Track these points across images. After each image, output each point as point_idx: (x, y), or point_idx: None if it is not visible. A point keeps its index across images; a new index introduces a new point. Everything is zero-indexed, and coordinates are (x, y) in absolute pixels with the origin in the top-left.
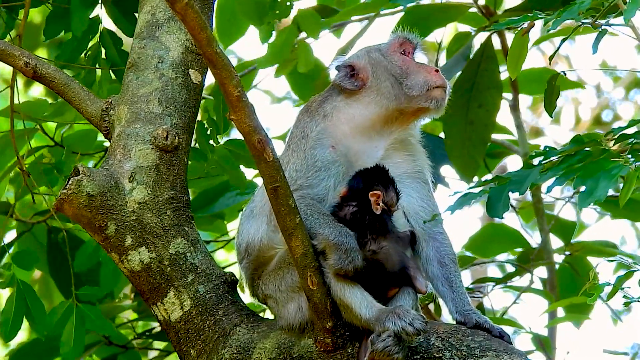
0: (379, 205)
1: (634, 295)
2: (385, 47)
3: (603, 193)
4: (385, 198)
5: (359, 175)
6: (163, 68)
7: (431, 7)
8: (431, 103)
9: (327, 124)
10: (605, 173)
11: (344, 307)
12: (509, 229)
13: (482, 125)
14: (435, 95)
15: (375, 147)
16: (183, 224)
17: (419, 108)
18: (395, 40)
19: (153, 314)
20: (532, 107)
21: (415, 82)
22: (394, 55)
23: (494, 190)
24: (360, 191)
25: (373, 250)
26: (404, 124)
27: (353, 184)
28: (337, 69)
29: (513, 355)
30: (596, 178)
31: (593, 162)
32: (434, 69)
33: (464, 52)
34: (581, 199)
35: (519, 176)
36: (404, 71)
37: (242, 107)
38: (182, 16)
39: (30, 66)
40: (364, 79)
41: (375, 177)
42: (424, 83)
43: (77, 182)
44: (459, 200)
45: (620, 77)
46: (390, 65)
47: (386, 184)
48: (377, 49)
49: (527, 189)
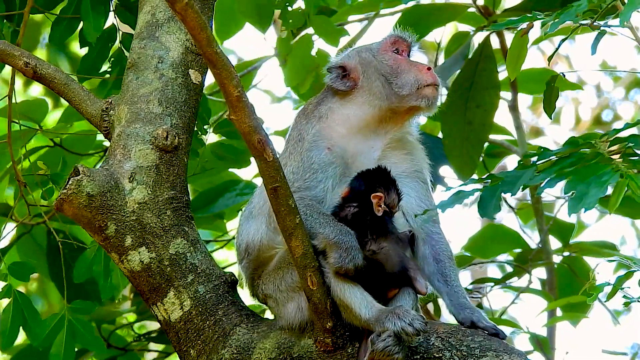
0: (381, 207)
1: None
2: (376, 46)
3: (592, 201)
4: (387, 200)
5: (360, 176)
6: (163, 68)
7: (429, 7)
8: (422, 101)
9: (322, 125)
10: (596, 179)
11: (344, 307)
12: (508, 230)
13: (480, 125)
14: (426, 94)
15: (372, 147)
16: (183, 224)
17: (411, 107)
18: (387, 39)
19: (153, 314)
20: (532, 107)
21: (405, 81)
22: (385, 54)
23: (486, 190)
24: (362, 192)
25: (373, 251)
26: (398, 123)
27: (355, 185)
28: (328, 70)
29: (513, 355)
30: (587, 183)
31: (585, 166)
32: (426, 67)
33: (462, 52)
34: (571, 205)
35: (512, 177)
36: (394, 70)
37: (242, 107)
38: (182, 16)
39: (30, 66)
40: (355, 79)
41: (378, 178)
42: (414, 81)
43: (77, 182)
44: (451, 198)
45: (621, 77)
46: (380, 64)
47: (388, 185)
48: (369, 49)
49: (519, 190)
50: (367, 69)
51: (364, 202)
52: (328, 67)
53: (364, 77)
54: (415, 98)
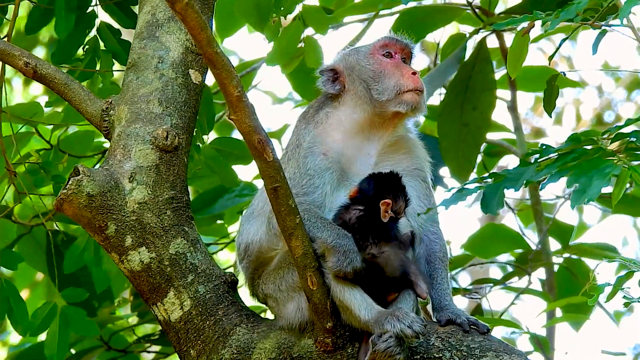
0: (388, 213)
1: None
2: (365, 49)
3: (595, 192)
4: (394, 207)
5: (372, 179)
6: (163, 68)
7: (427, 9)
8: (402, 107)
9: (318, 131)
10: (599, 172)
11: (344, 309)
12: (508, 230)
13: (476, 127)
14: (406, 99)
15: (368, 154)
16: (183, 224)
17: (394, 113)
18: (376, 43)
19: (153, 314)
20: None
21: (385, 87)
22: (371, 57)
23: (489, 186)
24: (371, 197)
25: (373, 254)
26: (388, 128)
27: (364, 187)
28: (320, 73)
29: (513, 355)
30: (589, 177)
31: (587, 160)
32: (411, 72)
33: (457, 55)
34: (574, 197)
35: (514, 173)
36: (376, 75)
37: (242, 107)
38: (182, 16)
39: (30, 66)
40: (343, 82)
41: (388, 184)
42: (394, 87)
43: (77, 182)
44: (455, 195)
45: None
46: (363, 69)
47: (397, 192)
48: (356, 52)
49: (522, 186)
50: (351, 73)
51: (371, 206)
52: (319, 70)
53: (350, 81)
54: (395, 104)
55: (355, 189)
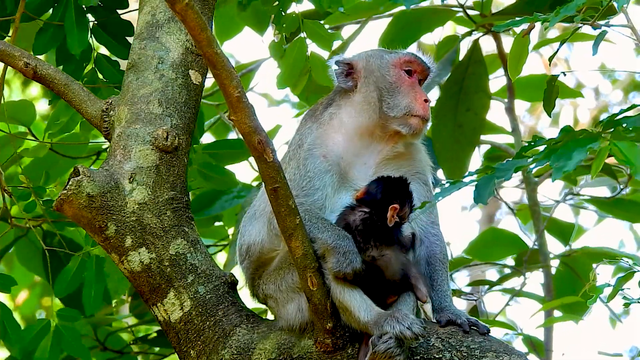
0: (393, 218)
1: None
2: (389, 57)
3: (574, 163)
4: (400, 212)
5: (380, 182)
6: (163, 69)
7: (421, 11)
8: (405, 128)
9: (320, 132)
10: (580, 148)
11: (343, 309)
12: (508, 234)
13: (470, 129)
14: (411, 123)
15: (365, 163)
16: (183, 225)
17: (396, 131)
18: (402, 56)
19: (153, 314)
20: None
21: (397, 103)
22: (393, 69)
23: (482, 178)
24: (379, 200)
25: (373, 257)
26: (389, 142)
27: (372, 190)
28: (336, 63)
29: (513, 356)
30: (570, 151)
31: (572, 140)
32: (424, 98)
33: (449, 57)
34: (554, 171)
35: (506, 165)
36: (392, 88)
37: (242, 107)
38: (182, 17)
39: (30, 67)
40: (357, 80)
41: (397, 190)
42: (405, 107)
43: (77, 183)
44: (448, 187)
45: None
46: (382, 78)
47: (405, 198)
48: (380, 57)
49: (512, 175)
50: (368, 76)
51: (377, 209)
52: (336, 60)
53: (364, 83)
54: (400, 123)
55: (363, 190)
